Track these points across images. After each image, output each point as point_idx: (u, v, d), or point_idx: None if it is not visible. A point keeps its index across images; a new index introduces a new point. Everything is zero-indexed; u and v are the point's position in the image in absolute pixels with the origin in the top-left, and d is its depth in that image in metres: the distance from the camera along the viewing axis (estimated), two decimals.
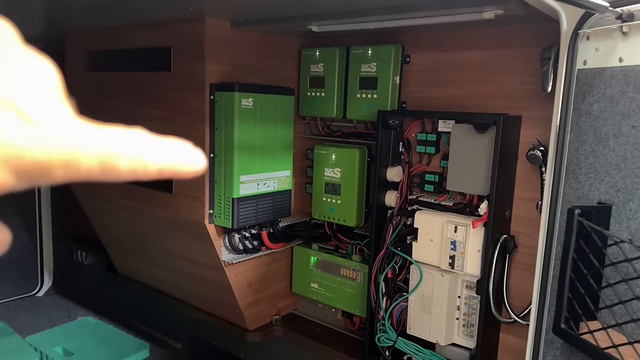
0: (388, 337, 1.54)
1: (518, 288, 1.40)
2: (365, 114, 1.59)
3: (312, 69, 1.69)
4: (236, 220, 1.55)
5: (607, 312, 0.95)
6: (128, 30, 1.72)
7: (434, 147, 1.49)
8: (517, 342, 1.41)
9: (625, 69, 0.94)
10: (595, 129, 1.00)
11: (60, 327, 2.23)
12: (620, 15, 0.91)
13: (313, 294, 1.81)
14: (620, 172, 0.95)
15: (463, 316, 1.45)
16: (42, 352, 2.00)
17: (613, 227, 0.96)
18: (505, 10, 1.13)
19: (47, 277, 2.65)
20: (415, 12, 1.24)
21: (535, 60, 1.28)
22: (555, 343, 1.08)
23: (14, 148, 0.21)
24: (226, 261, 1.65)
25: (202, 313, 1.92)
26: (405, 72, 1.56)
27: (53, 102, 0.24)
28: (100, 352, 2.02)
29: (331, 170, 1.65)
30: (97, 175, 0.24)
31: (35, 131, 0.22)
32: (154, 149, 0.26)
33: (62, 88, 0.25)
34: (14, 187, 0.22)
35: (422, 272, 1.46)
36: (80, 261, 2.50)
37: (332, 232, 1.76)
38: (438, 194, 1.49)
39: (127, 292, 2.24)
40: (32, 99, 0.23)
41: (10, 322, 2.21)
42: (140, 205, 1.78)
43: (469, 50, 1.44)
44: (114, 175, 0.24)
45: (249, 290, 1.75)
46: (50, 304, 2.52)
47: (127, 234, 2.03)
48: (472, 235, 1.36)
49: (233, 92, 1.49)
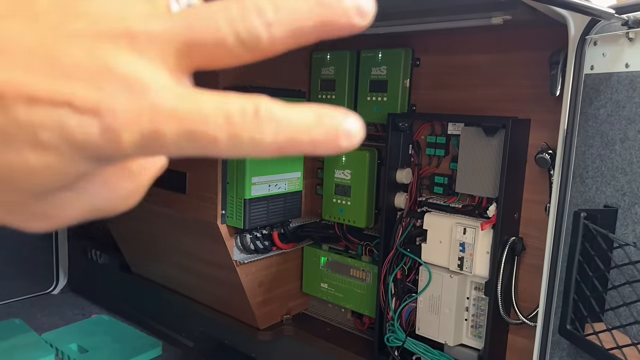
0: (397, 337, 1.56)
1: (526, 290, 1.41)
2: (375, 116, 1.61)
3: (322, 72, 1.72)
4: (248, 220, 1.58)
5: (612, 314, 0.96)
6: None
7: (443, 149, 1.51)
8: (525, 343, 1.43)
9: (632, 75, 0.95)
10: (602, 134, 1.01)
11: (75, 324, 2.27)
12: (627, 22, 0.93)
13: (323, 294, 1.83)
14: (626, 176, 0.97)
15: (472, 317, 1.46)
16: (57, 349, 2.04)
17: (619, 230, 0.98)
18: (513, 16, 1.15)
19: (63, 275, 2.70)
20: (424, 18, 1.26)
21: (544, 64, 1.30)
22: (561, 344, 1.09)
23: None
24: (238, 261, 1.68)
25: (213, 312, 1.95)
26: (416, 75, 1.58)
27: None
28: (114, 350, 2.05)
29: (341, 172, 1.68)
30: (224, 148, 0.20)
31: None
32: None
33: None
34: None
35: (431, 273, 1.48)
36: (94, 260, 2.54)
37: (342, 233, 1.78)
38: (447, 196, 1.51)
39: (141, 290, 2.27)
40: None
41: (26, 320, 2.26)
42: (154, 205, 1.82)
43: (478, 54, 1.45)
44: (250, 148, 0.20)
45: (260, 289, 1.78)
46: (66, 302, 2.56)
47: (140, 234, 2.06)
48: (481, 237, 1.37)
49: None
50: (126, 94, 0.19)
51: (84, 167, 0.20)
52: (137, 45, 0.19)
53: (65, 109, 0.18)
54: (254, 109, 0.20)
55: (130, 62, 0.19)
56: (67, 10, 0.19)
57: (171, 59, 0.20)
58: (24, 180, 0.19)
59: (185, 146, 0.19)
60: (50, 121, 0.18)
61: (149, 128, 0.19)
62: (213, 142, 0.19)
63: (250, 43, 0.20)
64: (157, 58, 0.20)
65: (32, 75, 0.18)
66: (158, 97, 0.19)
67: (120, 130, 0.19)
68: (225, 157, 0.20)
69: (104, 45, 0.19)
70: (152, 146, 0.19)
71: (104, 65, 0.19)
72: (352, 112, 0.21)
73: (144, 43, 0.20)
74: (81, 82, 0.19)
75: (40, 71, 0.18)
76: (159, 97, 0.19)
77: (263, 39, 0.20)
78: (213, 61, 0.21)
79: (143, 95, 0.19)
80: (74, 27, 0.19)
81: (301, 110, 0.20)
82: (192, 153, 0.20)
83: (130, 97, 0.19)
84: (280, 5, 0.20)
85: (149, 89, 0.19)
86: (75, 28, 0.19)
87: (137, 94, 0.19)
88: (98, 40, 0.19)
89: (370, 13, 0.21)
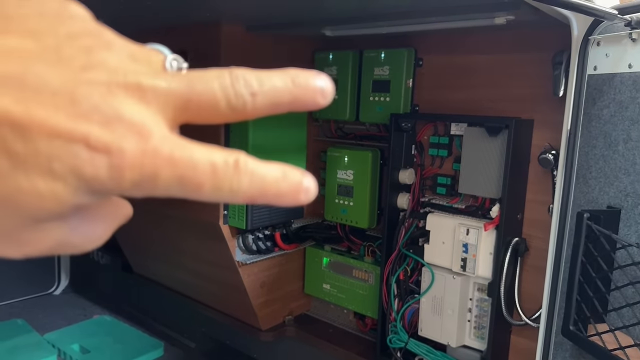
0: (400, 338, 1.56)
1: (530, 291, 1.41)
2: (378, 116, 1.61)
3: (325, 72, 1.70)
4: (250, 221, 1.58)
5: (615, 315, 0.96)
6: (145, 34, 1.76)
7: (446, 150, 1.50)
8: (529, 344, 1.42)
9: (635, 75, 0.95)
10: (605, 134, 1.01)
11: (77, 325, 2.27)
12: (630, 22, 0.93)
13: (325, 295, 1.83)
14: (629, 177, 0.96)
15: (474, 318, 1.46)
16: (59, 349, 2.04)
17: (622, 231, 0.97)
18: (516, 16, 1.15)
19: (64, 275, 2.70)
20: (427, 18, 1.26)
21: (547, 64, 1.29)
22: (564, 345, 1.09)
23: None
24: (240, 261, 1.68)
25: (215, 312, 1.95)
26: (419, 75, 1.58)
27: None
28: (116, 350, 2.05)
29: (344, 172, 1.67)
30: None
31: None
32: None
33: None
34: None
35: (433, 274, 1.47)
36: (96, 260, 2.54)
37: (345, 234, 1.78)
38: (450, 196, 1.51)
39: (142, 291, 2.28)
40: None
41: (28, 320, 2.26)
42: (156, 205, 1.82)
43: (481, 54, 1.45)
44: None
45: (262, 290, 1.78)
46: (67, 302, 2.56)
47: (142, 234, 2.06)
48: (484, 237, 1.37)
49: None
50: (134, 138, 0.22)
51: (84, 199, 0.22)
52: (145, 98, 0.23)
53: (80, 145, 0.21)
54: (234, 161, 0.24)
55: (139, 111, 0.22)
56: (87, 59, 0.22)
57: (170, 112, 0.24)
58: (29, 203, 0.21)
59: (174, 189, 0.23)
60: (66, 154, 0.21)
61: (149, 169, 0.22)
62: (199, 187, 0.23)
63: (237, 107, 0.25)
64: (160, 110, 0.23)
65: (56, 113, 0.21)
66: (159, 143, 0.22)
67: (125, 168, 0.22)
68: (203, 201, 0.23)
69: (118, 94, 0.22)
70: (146, 186, 0.22)
71: (117, 111, 0.22)
72: (308, 173, 0.25)
73: (151, 96, 0.23)
74: (97, 123, 0.21)
75: (63, 110, 0.21)
76: (160, 144, 0.22)
77: (248, 105, 0.25)
78: (202, 118, 0.25)
79: (147, 141, 0.22)
80: (93, 75, 0.22)
81: (271, 166, 0.25)
82: (175, 195, 0.23)
83: (136, 141, 0.22)
84: (264, 80, 0.25)
85: (153, 135, 0.22)
86: (94, 76, 0.22)
87: (143, 139, 0.22)
88: (113, 89, 0.22)
89: (331, 95, 0.27)
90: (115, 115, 0.22)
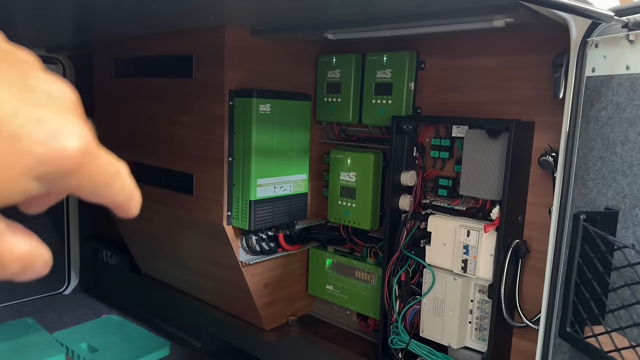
0: (401, 339, 1.56)
1: (530, 293, 1.41)
2: (380, 119, 1.62)
3: (328, 75, 1.73)
4: (253, 222, 1.59)
5: (612, 317, 0.96)
6: (152, 38, 1.79)
7: (447, 152, 1.51)
8: (529, 346, 1.42)
9: (632, 77, 0.95)
10: (603, 136, 1.01)
11: (86, 324, 2.30)
12: (627, 24, 0.93)
13: (328, 296, 1.84)
14: (626, 179, 0.97)
15: (475, 320, 1.46)
16: (68, 348, 2.07)
17: (620, 232, 0.97)
18: (515, 19, 1.15)
19: (74, 276, 2.74)
20: (427, 21, 1.26)
21: (547, 67, 1.30)
22: (563, 347, 1.09)
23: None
24: (243, 262, 1.69)
25: (221, 313, 1.97)
26: (421, 77, 1.58)
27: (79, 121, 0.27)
28: (123, 349, 2.08)
29: (347, 174, 1.68)
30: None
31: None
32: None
33: (81, 110, 0.28)
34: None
35: (434, 275, 1.48)
36: (105, 261, 2.57)
37: (347, 235, 1.79)
38: (451, 198, 1.51)
39: (150, 291, 2.30)
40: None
41: (38, 319, 2.30)
42: (162, 206, 1.84)
43: (482, 57, 1.46)
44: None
45: (265, 290, 1.79)
46: (76, 302, 2.60)
47: (149, 235, 2.09)
48: (485, 239, 1.37)
49: (251, 98, 1.54)
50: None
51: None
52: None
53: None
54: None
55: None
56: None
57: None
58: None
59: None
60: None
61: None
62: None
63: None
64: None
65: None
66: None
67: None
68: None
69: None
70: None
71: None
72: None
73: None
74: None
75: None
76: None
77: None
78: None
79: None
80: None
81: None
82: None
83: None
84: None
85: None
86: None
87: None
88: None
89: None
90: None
